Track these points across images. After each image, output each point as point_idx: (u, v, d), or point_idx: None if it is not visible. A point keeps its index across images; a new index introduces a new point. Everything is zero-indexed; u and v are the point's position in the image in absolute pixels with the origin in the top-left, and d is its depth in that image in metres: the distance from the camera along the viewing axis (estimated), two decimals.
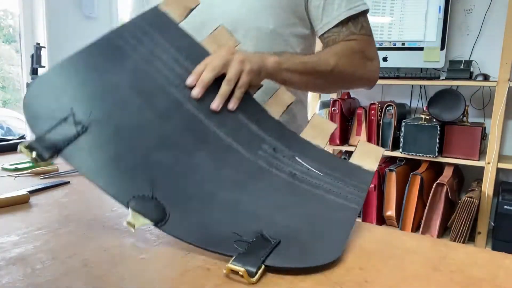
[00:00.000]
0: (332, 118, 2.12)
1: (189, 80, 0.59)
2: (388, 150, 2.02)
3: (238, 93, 0.61)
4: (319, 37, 0.81)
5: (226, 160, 0.54)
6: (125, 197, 0.45)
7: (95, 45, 0.58)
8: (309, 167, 0.56)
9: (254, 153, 0.56)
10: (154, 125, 0.54)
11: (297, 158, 0.57)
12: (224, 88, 0.60)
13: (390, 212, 2.01)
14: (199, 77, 0.59)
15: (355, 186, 0.54)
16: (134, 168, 0.49)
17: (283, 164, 0.56)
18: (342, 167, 0.57)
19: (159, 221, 0.44)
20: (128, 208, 0.44)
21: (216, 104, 0.59)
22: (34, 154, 0.44)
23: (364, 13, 0.79)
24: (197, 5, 0.67)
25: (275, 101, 0.65)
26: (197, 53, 0.62)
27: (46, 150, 0.45)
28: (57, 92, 0.52)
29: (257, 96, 0.66)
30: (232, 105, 0.60)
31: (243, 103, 0.61)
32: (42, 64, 1.81)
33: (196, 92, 0.58)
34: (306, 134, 0.61)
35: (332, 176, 0.55)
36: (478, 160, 1.85)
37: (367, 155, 0.59)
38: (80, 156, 0.47)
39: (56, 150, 0.46)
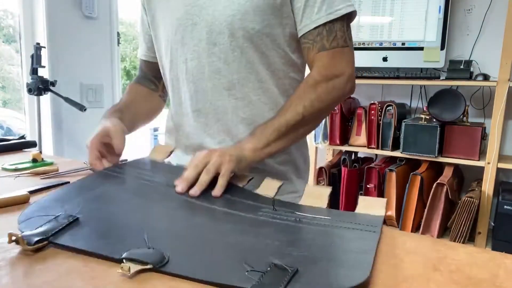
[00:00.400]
0: (332, 119, 2.12)
1: (177, 182, 0.64)
2: (388, 150, 2.03)
3: (221, 181, 0.64)
4: (299, 39, 0.80)
5: (225, 220, 0.54)
6: (119, 253, 0.42)
7: (84, 179, 0.66)
8: (315, 215, 0.55)
9: (254, 214, 0.56)
10: (147, 208, 0.57)
11: (299, 212, 0.56)
12: (203, 176, 0.63)
13: (390, 212, 2.01)
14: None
15: (367, 223, 0.52)
16: (127, 234, 0.48)
17: (287, 216, 0.55)
18: (349, 215, 0.57)
19: (158, 263, 0.41)
20: (123, 261, 0.41)
21: (194, 190, 0.62)
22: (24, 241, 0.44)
23: (343, 18, 0.76)
24: (174, 149, 0.81)
25: (265, 187, 0.66)
26: (182, 172, 0.66)
27: (35, 236, 0.45)
28: (49, 207, 0.54)
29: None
30: (216, 192, 0.63)
31: (235, 192, 0.64)
32: (42, 64, 1.82)
33: (179, 188, 0.63)
34: (305, 203, 0.61)
35: (340, 220, 0.54)
36: (478, 160, 1.85)
37: (371, 207, 0.58)
38: (70, 237, 0.47)
39: (46, 237, 0.46)
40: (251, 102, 0.80)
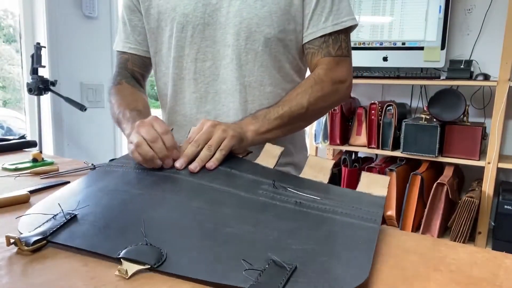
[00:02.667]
0: (332, 118, 2.12)
1: (178, 160, 0.62)
2: (389, 150, 2.02)
3: (218, 155, 0.63)
4: (303, 45, 0.81)
5: (225, 202, 0.53)
6: (116, 251, 0.42)
7: (81, 179, 0.63)
8: (315, 197, 0.54)
9: (254, 193, 0.54)
10: (143, 195, 0.55)
11: (299, 192, 0.55)
12: (204, 152, 0.63)
13: (390, 212, 2.01)
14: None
15: (368, 208, 0.51)
16: (125, 227, 0.48)
17: (287, 197, 0.54)
18: (350, 194, 0.56)
19: (156, 263, 0.40)
20: (120, 260, 0.41)
21: (194, 166, 0.61)
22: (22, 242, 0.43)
23: (347, 30, 0.79)
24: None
25: (266, 155, 0.65)
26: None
27: (33, 237, 0.45)
28: (48, 208, 0.53)
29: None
30: (210, 164, 0.62)
31: (234, 163, 0.63)
32: (43, 64, 1.82)
33: (178, 164, 0.62)
34: (306, 175, 0.60)
35: (341, 202, 0.53)
36: (479, 160, 1.85)
37: (374, 184, 0.57)
38: (68, 234, 0.46)
39: (44, 237, 0.45)
40: (262, 105, 0.79)
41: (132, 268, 0.40)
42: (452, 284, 0.40)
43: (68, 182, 0.75)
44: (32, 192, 0.67)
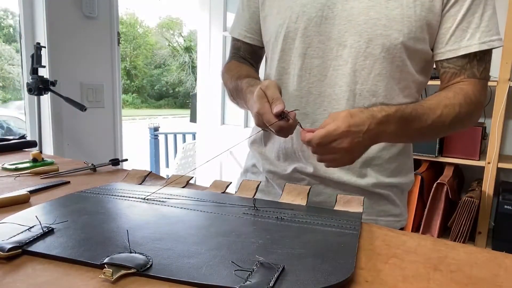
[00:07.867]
0: None
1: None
2: None
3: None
4: (436, 61, 0.73)
5: (209, 222, 0.54)
6: (98, 260, 0.41)
7: (59, 198, 0.63)
8: (296, 214, 0.58)
9: (236, 213, 0.57)
10: (126, 215, 0.55)
11: (280, 211, 0.59)
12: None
13: None
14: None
15: (346, 220, 0.55)
16: (107, 239, 0.46)
17: (268, 214, 0.57)
18: (328, 211, 0.60)
19: (142, 267, 0.40)
20: (104, 267, 0.39)
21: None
22: None
23: (491, 50, 0.71)
24: (150, 172, 0.78)
25: (244, 189, 0.69)
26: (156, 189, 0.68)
27: (8, 244, 0.43)
28: (23, 220, 0.52)
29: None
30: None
31: (215, 195, 0.66)
32: (43, 64, 1.82)
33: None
34: (285, 200, 0.64)
35: (320, 217, 0.56)
36: (479, 160, 1.85)
37: (349, 204, 0.62)
38: (46, 245, 0.44)
39: (20, 245, 0.43)
40: None
41: (117, 271, 0.39)
42: (452, 284, 0.40)
43: (68, 182, 0.75)
44: (32, 192, 0.67)
